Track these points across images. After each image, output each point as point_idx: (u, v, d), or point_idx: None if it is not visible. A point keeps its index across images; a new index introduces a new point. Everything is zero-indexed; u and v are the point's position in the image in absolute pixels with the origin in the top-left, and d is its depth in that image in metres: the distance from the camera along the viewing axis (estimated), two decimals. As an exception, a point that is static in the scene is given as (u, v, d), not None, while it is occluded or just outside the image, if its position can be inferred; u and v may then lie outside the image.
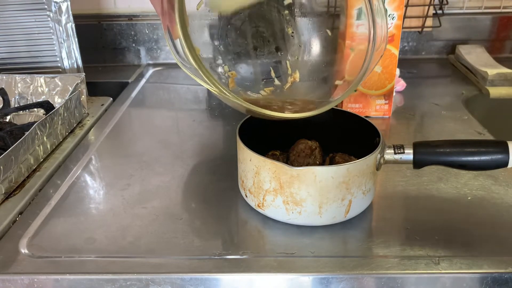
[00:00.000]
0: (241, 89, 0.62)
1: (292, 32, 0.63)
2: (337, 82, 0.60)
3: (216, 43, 0.60)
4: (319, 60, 0.66)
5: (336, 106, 0.58)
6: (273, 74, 0.65)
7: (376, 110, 0.83)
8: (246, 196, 0.58)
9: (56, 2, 0.91)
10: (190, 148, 0.75)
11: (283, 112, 0.54)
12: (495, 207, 0.58)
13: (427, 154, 0.54)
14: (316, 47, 0.66)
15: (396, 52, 0.78)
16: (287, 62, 0.65)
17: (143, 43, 1.15)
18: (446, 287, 0.48)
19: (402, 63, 1.02)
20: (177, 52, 0.50)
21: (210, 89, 0.49)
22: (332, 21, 0.68)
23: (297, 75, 0.62)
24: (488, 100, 0.95)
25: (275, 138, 0.62)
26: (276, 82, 0.65)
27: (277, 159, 0.56)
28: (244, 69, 0.63)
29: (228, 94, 0.49)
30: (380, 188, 0.62)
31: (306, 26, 0.65)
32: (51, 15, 0.92)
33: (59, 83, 0.86)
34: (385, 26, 0.56)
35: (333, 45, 0.67)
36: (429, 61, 1.15)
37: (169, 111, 0.91)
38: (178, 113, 0.90)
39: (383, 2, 0.55)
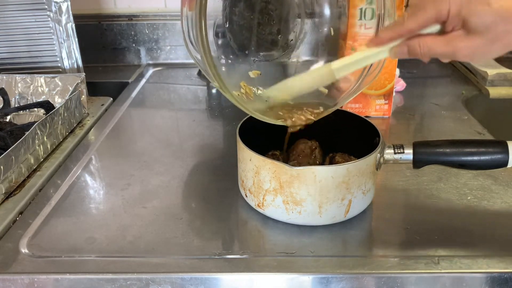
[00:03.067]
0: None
1: (298, 15, 0.61)
2: (321, 89, 0.60)
3: (223, 11, 0.58)
4: (316, 57, 0.65)
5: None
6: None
7: (376, 110, 0.83)
8: (246, 196, 0.58)
9: (56, 2, 0.91)
10: (190, 148, 0.75)
11: (288, 118, 0.55)
12: (495, 206, 0.58)
13: (427, 154, 0.54)
14: (315, 44, 0.65)
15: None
16: (282, 47, 0.63)
17: (143, 43, 1.15)
18: (446, 287, 0.48)
19: (402, 63, 1.02)
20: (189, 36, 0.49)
21: (212, 79, 0.49)
22: (336, 21, 0.68)
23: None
24: (488, 100, 0.95)
25: (275, 138, 0.62)
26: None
27: (277, 159, 0.56)
28: (240, 43, 0.61)
29: (226, 92, 0.48)
30: (380, 188, 0.62)
31: (312, 20, 0.64)
32: (51, 15, 0.92)
33: (59, 83, 0.86)
34: None
35: (335, 45, 0.67)
36: (429, 61, 1.15)
37: (169, 111, 0.91)
38: (178, 113, 0.90)
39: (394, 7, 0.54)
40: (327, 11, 0.63)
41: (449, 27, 0.43)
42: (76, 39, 0.94)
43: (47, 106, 0.81)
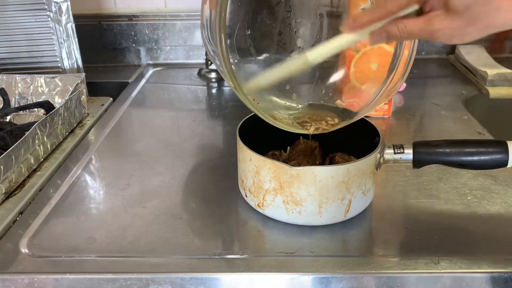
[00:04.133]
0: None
1: (319, 29, 0.61)
2: (337, 102, 0.60)
3: (246, 16, 0.58)
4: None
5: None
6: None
7: (376, 110, 0.83)
8: (246, 196, 0.58)
9: (56, 2, 0.91)
10: (190, 148, 0.75)
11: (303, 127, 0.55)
12: (495, 206, 0.58)
13: (427, 153, 0.54)
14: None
15: (392, 50, 0.78)
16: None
17: (143, 43, 1.15)
18: (446, 286, 0.48)
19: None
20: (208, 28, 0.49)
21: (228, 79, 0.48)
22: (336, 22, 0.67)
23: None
24: (488, 100, 0.95)
25: (275, 138, 0.62)
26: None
27: (277, 159, 0.56)
28: (260, 49, 0.60)
29: (239, 91, 0.48)
30: (380, 188, 0.62)
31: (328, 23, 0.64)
32: (51, 15, 0.92)
33: (59, 83, 0.86)
34: (412, 46, 0.53)
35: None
36: (429, 61, 1.15)
37: (169, 111, 0.91)
38: (178, 113, 0.90)
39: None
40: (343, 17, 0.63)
41: (428, 7, 0.42)
42: (76, 39, 0.94)
43: (47, 106, 0.82)
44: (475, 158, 0.53)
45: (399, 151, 0.55)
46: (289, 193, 0.52)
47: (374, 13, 0.44)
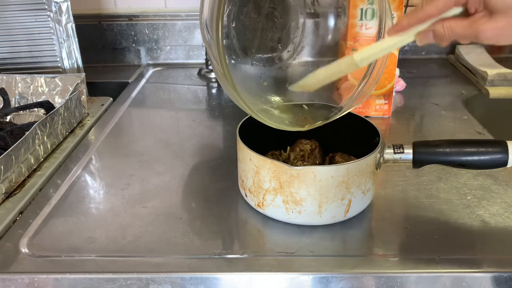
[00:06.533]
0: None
1: (302, 27, 0.61)
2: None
3: (233, 7, 0.58)
4: (317, 61, 0.65)
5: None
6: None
7: (376, 110, 0.83)
8: (246, 196, 0.58)
9: (56, 2, 0.91)
10: (190, 148, 0.75)
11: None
12: (495, 206, 0.58)
13: (427, 153, 0.54)
14: (316, 46, 0.65)
15: (396, 52, 0.78)
16: (278, 57, 0.63)
17: (143, 43, 1.15)
18: (446, 286, 0.48)
19: (402, 63, 1.02)
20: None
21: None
22: (337, 21, 0.67)
23: None
24: (487, 100, 0.95)
25: (275, 138, 0.62)
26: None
27: (277, 159, 0.57)
28: (242, 43, 0.60)
29: (235, 93, 0.48)
30: (380, 187, 0.62)
31: (311, 26, 0.64)
32: (52, 15, 0.92)
33: (59, 83, 0.86)
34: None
35: (335, 46, 0.66)
36: (429, 61, 1.15)
37: (169, 111, 0.91)
38: (178, 113, 0.90)
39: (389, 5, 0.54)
40: (329, 14, 0.63)
41: (471, 9, 0.42)
42: (76, 39, 0.94)
43: (47, 106, 0.82)
44: (475, 158, 0.53)
45: (399, 151, 0.55)
46: (289, 193, 0.52)
47: (414, 16, 0.45)
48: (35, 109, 0.84)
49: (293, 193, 0.52)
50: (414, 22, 0.45)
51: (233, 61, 0.59)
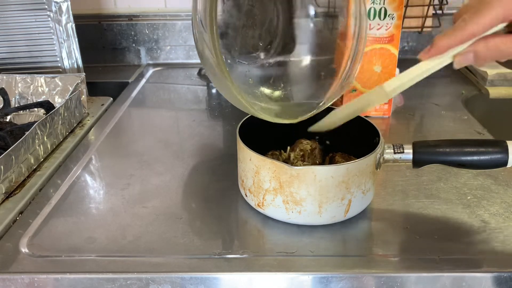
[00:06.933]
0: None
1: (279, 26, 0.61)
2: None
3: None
4: (311, 56, 0.65)
5: (336, 106, 0.58)
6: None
7: (376, 110, 0.83)
8: (246, 196, 0.58)
9: (56, 2, 0.91)
10: (190, 148, 0.75)
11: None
12: (495, 206, 0.58)
13: (427, 153, 0.54)
14: (311, 44, 0.65)
15: (395, 52, 0.79)
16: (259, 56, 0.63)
17: (143, 43, 1.15)
18: (446, 286, 0.48)
19: (402, 63, 1.02)
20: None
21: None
22: (331, 22, 0.68)
23: None
24: (487, 100, 0.95)
25: (275, 138, 0.62)
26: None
27: (277, 159, 0.57)
28: (226, 41, 0.60)
29: (229, 80, 0.48)
30: (380, 188, 0.62)
31: (298, 27, 0.64)
32: (52, 15, 0.92)
33: (59, 83, 0.86)
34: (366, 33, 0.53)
35: (332, 44, 0.66)
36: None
37: (169, 111, 0.91)
38: (178, 113, 0.90)
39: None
40: (321, 12, 0.63)
41: None
42: (76, 39, 0.94)
43: (47, 106, 0.82)
44: (475, 158, 0.53)
45: (399, 151, 0.55)
46: (289, 193, 0.52)
47: (454, 36, 0.40)
48: (35, 109, 0.84)
49: (293, 193, 0.52)
50: (455, 43, 0.40)
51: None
